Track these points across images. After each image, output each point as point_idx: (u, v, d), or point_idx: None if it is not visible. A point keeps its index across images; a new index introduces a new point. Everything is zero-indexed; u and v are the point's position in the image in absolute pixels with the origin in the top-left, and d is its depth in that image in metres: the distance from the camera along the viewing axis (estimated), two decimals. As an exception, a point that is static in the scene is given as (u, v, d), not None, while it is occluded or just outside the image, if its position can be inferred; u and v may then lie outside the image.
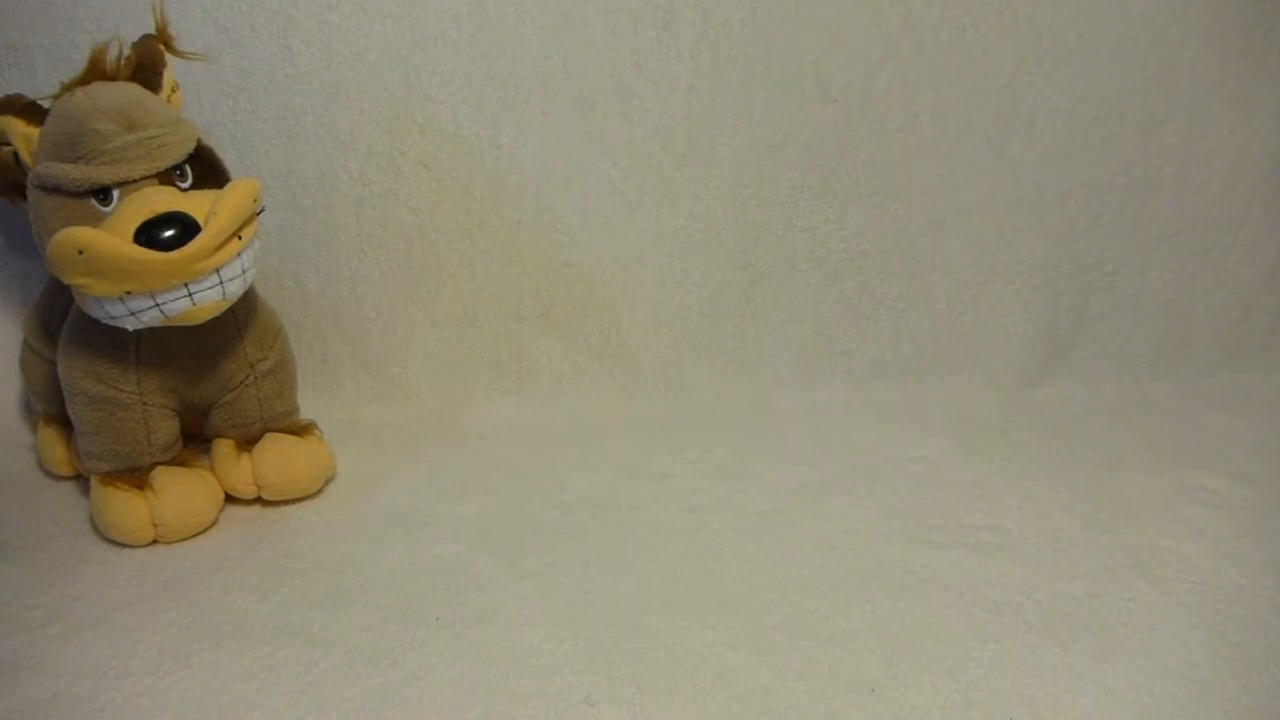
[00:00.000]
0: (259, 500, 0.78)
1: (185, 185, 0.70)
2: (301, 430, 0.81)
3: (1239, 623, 0.62)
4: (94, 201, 0.67)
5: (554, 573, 0.68)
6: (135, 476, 0.74)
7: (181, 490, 0.73)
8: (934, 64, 0.94)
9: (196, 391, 0.78)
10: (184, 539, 0.73)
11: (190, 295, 0.66)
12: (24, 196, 0.71)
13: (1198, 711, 0.54)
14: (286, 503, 0.78)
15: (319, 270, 0.97)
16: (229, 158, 0.77)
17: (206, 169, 0.73)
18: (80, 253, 0.63)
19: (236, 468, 0.77)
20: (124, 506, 0.71)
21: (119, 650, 0.59)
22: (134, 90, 0.71)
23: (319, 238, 0.96)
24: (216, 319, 0.70)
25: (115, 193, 0.67)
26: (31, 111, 0.71)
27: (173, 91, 0.76)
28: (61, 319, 0.77)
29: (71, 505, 0.79)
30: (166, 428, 0.76)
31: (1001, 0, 0.93)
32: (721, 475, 0.83)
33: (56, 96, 0.71)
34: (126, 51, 0.73)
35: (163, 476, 0.73)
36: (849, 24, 0.93)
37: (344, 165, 0.94)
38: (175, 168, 0.70)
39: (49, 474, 0.85)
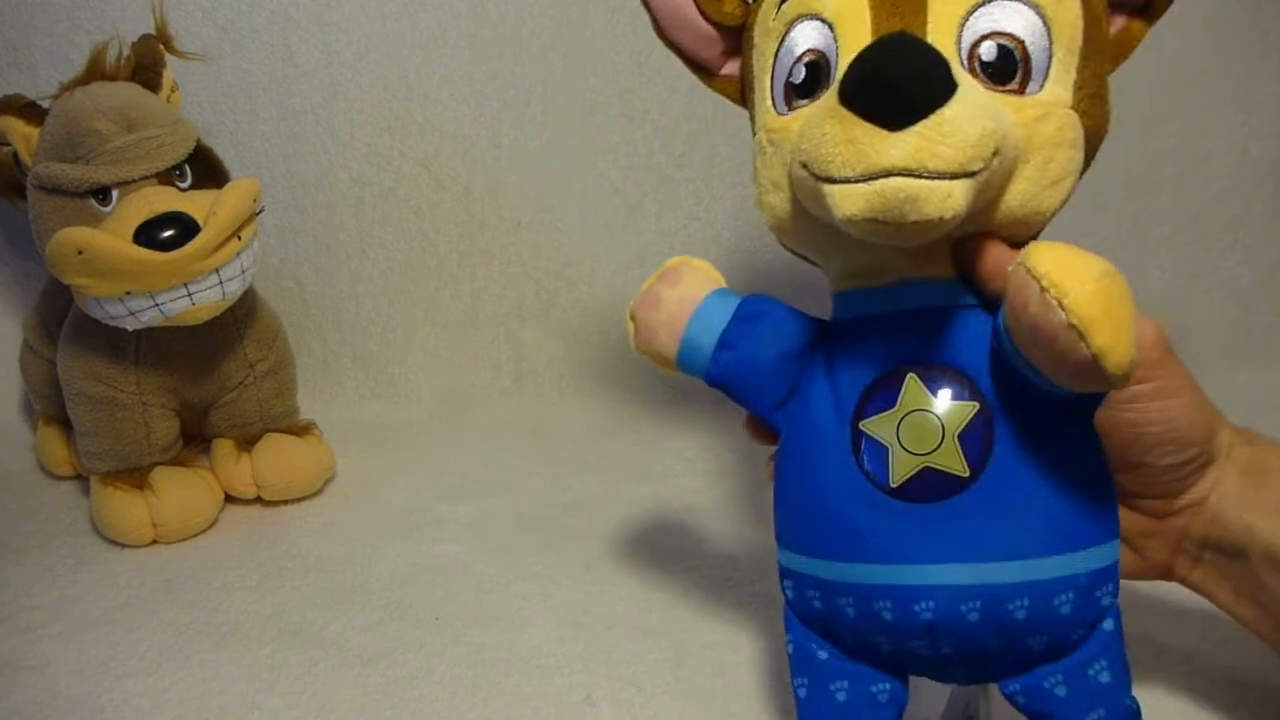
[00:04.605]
0: (259, 500, 0.78)
1: (185, 185, 0.70)
2: (301, 430, 0.81)
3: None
4: (93, 202, 0.67)
5: (554, 573, 0.68)
6: (135, 476, 0.74)
7: (181, 490, 0.73)
8: (934, 64, 0.94)
9: (196, 391, 0.78)
10: (184, 539, 0.73)
11: (190, 295, 0.66)
12: (24, 197, 0.71)
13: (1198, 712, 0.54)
14: (286, 503, 0.78)
15: (319, 270, 0.97)
16: (229, 158, 0.77)
17: (206, 169, 0.73)
18: (80, 253, 0.63)
19: (236, 468, 0.77)
20: (124, 506, 0.71)
21: (119, 650, 0.59)
22: (134, 90, 0.71)
23: (319, 238, 0.96)
24: (216, 319, 0.70)
25: (115, 193, 0.67)
26: (31, 111, 0.71)
27: (172, 91, 0.76)
28: (61, 319, 0.77)
29: (71, 505, 0.79)
30: (166, 428, 0.76)
31: (1001, 0, 0.93)
32: (722, 475, 0.83)
33: (56, 96, 0.71)
34: (126, 51, 0.73)
35: (163, 476, 0.73)
36: (849, 24, 0.93)
37: (344, 165, 0.94)
38: (175, 168, 0.70)
39: (49, 474, 0.85)
